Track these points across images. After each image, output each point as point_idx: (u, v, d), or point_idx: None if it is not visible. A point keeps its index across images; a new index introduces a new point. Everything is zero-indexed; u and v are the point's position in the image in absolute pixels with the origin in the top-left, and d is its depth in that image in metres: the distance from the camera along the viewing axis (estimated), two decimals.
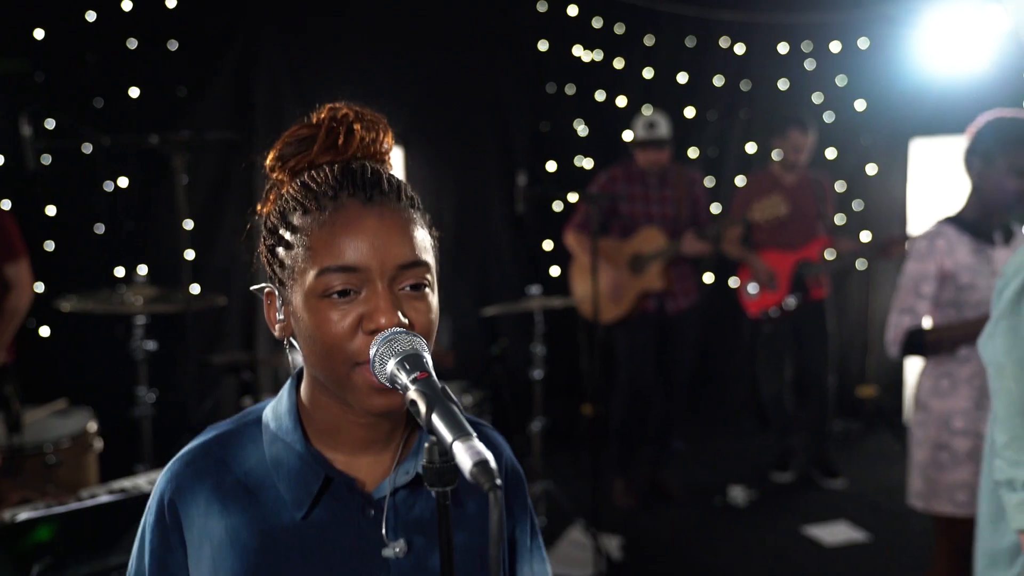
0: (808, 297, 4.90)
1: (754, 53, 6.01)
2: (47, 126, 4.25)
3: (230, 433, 1.12)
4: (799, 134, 4.88)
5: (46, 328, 4.48)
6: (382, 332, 0.97)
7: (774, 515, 4.63)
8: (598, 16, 5.71)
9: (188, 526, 1.06)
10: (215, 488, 1.07)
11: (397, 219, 1.02)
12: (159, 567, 1.07)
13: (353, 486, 1.08)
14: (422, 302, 1.02)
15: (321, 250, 1.00)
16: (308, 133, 1.08)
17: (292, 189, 1.05)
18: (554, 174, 5.68)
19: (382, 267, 0.99)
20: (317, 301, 1.00)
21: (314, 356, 1.03)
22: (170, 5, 4.68)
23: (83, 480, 3.34)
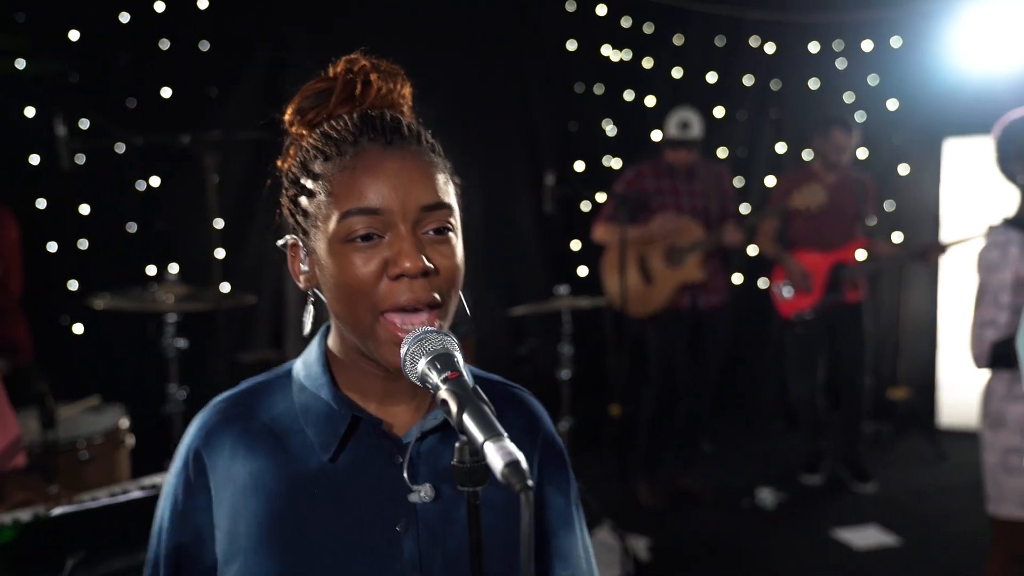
0: (844, 299, 4.83)
1: (784, 52, 5.96)
2: (81, 126, 4.31)
3: (261, 383, 1.13)
4: (842, 134, 4.79)
5: (79, 325, 4.55)
6: (413, 331, 0.97)
7: (803, 518, 4.59)
8: (627, 16, 5.69)
9: (213, 470, 1.06)
10: (242, 433, 1.07)
11: (418, 162, 1.03)
12: (179, 512, 1.07)
13: (380, 428, 1.08)
14: (446, 245, 1.02)
15: (343, 194, 0.99)
16: (325, 86, 1.09)
17: (312, 139, 1.06)
18: (582, 174, 5.67)
19: (404, 209, 0.99)
20: (340, 246, 1.00)
21: (339, 304, 1.02)
22: (202, 6, 4.72)
23: (115, 476, 3.37)
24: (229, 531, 1.04)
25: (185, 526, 1.07)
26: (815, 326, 4.89)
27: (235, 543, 1.04)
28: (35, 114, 4.49)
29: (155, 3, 4.63)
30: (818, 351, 4.98)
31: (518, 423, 1.18)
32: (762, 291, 6.16)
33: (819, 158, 4.91)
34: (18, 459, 2.64)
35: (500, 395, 1.19)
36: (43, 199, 4.50)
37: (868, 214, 4.90)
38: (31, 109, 4.50)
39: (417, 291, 0.99)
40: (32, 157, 4.53)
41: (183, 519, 1.07)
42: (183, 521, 1.07)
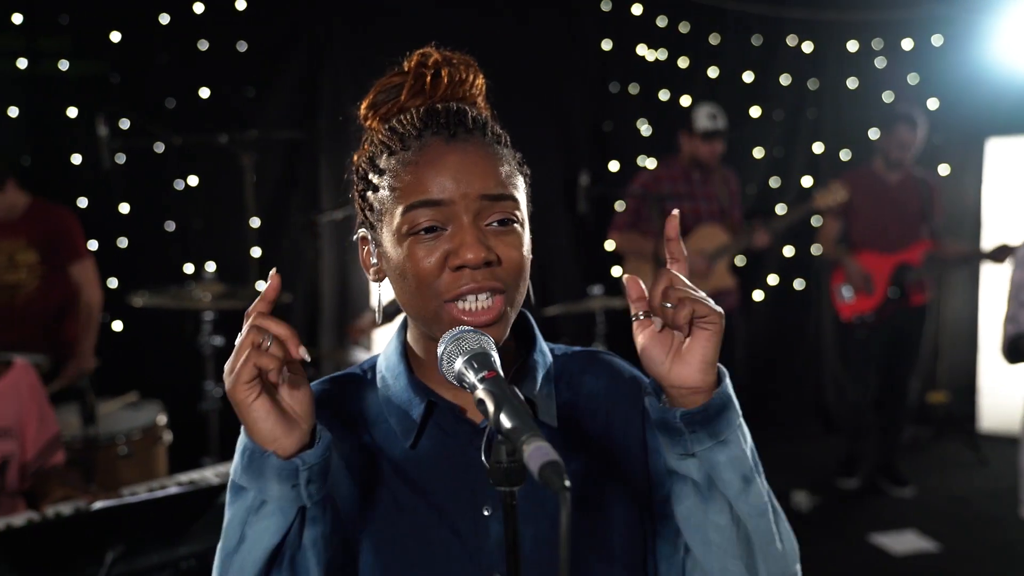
0: (907, 303, 4.74)
1: (822, 51, 5.90)
2: (121, 126, 4.37)
3: (352, 375, 1.17)
4: (907, 130, 4.68)
5: (118, 323, 4.61)
6: (450, 330, 0.97)
7: (839, 522, 4.53)
8: (663, 15, 5.65)
9: None
10: (333, 416, 1.10)
11: (481, 153, 1.03)
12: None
13: (459, 414, 1.09)
14: (511, 236, 1.02)
15: (406, 188, 1.01)
16: (399, 80, 1.10)
17: (380, 134, 1.07)
18: (617, 174, 5.64)
19: (465, 200, 1.00)
20: (404, 239, 1.01)
21: (405, 295, 1.04)
22: (239, 7, 4.77)
23: (152, 472, 3.42)
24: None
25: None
26: (876, 330, 4.79)
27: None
28: (77, 114, 4.57)
29: (194, 4, 4.69)
30: (877, 355, 4.86)
31: (598, 385, 1.17)
32: (798, 292, 6.10)
33: (881, 156, 4.80)
34: (57, 456, 2.68)
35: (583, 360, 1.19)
36: (84, 198, 4.57)
37: (932, 215, 4.79)
38: (73, 109, 4.57)
39: (479, 280, 1.00)
40: (74, 157, 4.60)
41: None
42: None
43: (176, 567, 2.09)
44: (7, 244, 3.84)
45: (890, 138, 4.71)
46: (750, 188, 5.90)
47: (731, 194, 4.69)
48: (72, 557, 1.88)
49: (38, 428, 2.64)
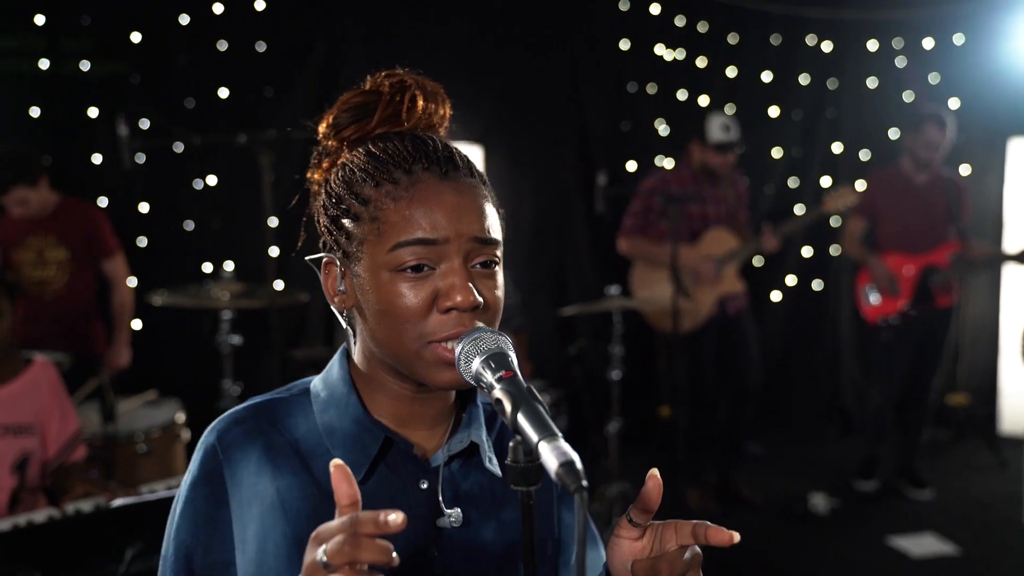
0: (934, 305, 4.70)
1: (842, 51, 5.86)
2: (142, 126, 4.40)
3: (278, 400, 1.08)
4: (936, 130, 4.60)
5: (138, 321, 4.64)
6: (464, 331, 0.97)
7: (857, 524, 4.51)
8: (681, 14, 5.63)
9: (235, 484, 1.01)
10: (266, 449, 1.02)
11: (472, 194, 1.01)
12: (207, 523, 1.01)
13: (410, 452, 1.06)
14: (492, 280, 1.01)
15: (396, 224, 0.98)
16: (365, 100, 1.07)
17: (357, 159, 1.03)
18: (634, 174, 5.63)
19: (459, 241, 0.98)
20: (389, 275, 0.98)
21: (382, 330, 1.00)
22: (259, 8, 4.79)
23: (171, 469, 3.45)
24: (258, 551, 1.00)
25: (212, 541, 1.01)
26: (902, 332, 4.73)
27: (264, 563, 1.00)
28: (98, 115, 4.60)
29: (213, 5, 4.71)
30: (903, 358, 4.80)
31: None
32: (816, 293, 6.07)
33: (909, 156, 4.73)
34: (78, 452, 2.71)
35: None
36: (105, 197, 4.61)
37: (960, 216, 4.73)
38: (94, 110, 4.61)
39: (467, 324, 0.98)
40: (95, 156, 4.64)
41: (210, 534, 1.01)
42: (210, 535, 1.01)
43: None
44: (37, 241, 3.90)
45: (918, 138, 4.64)
46: (768, 188, 5.87)
47: (738, 196, 4.66)
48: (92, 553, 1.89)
49: (59, 425, 2.67)
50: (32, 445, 2.59)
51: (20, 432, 2.56)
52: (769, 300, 5.92)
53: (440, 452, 1.07)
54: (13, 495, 2.53)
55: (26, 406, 2.60)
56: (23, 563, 1.76)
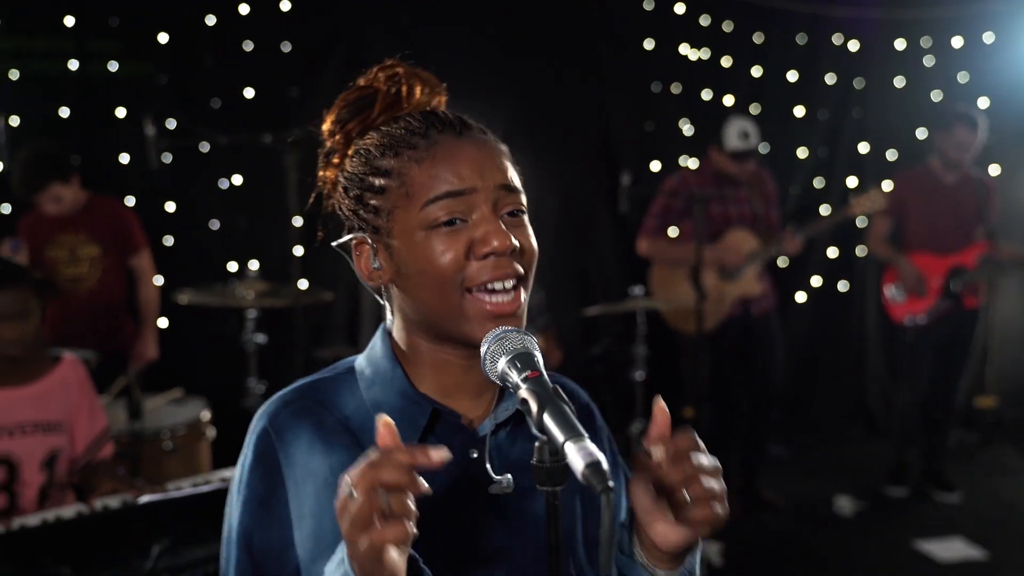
0: (961, 306, 4.65)
1: (869, 50, 5.81)
2: (168, 126, 4.44)
3: (324, 380, 1.11)
4: (966, 131, 4.55)
5: (164, 320, 4.68)
6: (493, 330, 0.96)
7: (883, 527, 4.46)
8: (706, 14, 5.60)
9: (289, 464, 1.03)
10: (316, 427, 1.04)
11: (491, 147, 1.04)
12: (263, 505, 1.03)
13: (458, 423, 1.07)
14: (522, 228, 1.04)
15: (423, 184, 1.00)
16: (362, 95, 1.10)
17: (370, 140, 1.06)
18: (659, 174, 5.60)
19: (486, 189, 1.00)
20: (424, 233, 1.00)
21: (424, 291, 1.02)
22: (284, 8, 4.82)
23: (196, 467, 3.47)
24: (315, 527, 1.01)
25: (270, 521, 1.03)
26: (928, 332, 4.69)
27: (322, 540, 1.00)
28: (125, 115, 4.65)
29: (239, 6, 4.75)
30: (928, 359, 4.75)
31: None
32: (842, 294, 6.02)
33: (938, 156, 4.69)
34: (106, 450, 2.73)
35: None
36: (132, 197, 4.65)
37: (988, 218, 4.67)
38: (122, 110, 4.65)
39: (504, 267, 1.00)
40: (122, 156, 4.69)
41: (266, 515, 1.03)
42: (266, 517, 1.03)
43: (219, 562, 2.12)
44: (69, 239, 3.95)
45: (948, 138, 4.59)
46: (793, 188, 5.83)
47: (766, 196, 4.60)
48: (119, 549, 1.91)
49: (87, 422, 2.69)
50: (61, 442, 2.61)
51: (50, 429, 2.59)
52: (794, 301, 5.87)
53: (487, 421, 1.08)
54: (42, 491, 2.57)
55: (55, 404, 2.63)
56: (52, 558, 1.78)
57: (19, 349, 2.53)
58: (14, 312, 2.49)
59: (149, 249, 4.17)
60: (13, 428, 2.53)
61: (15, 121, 4.39)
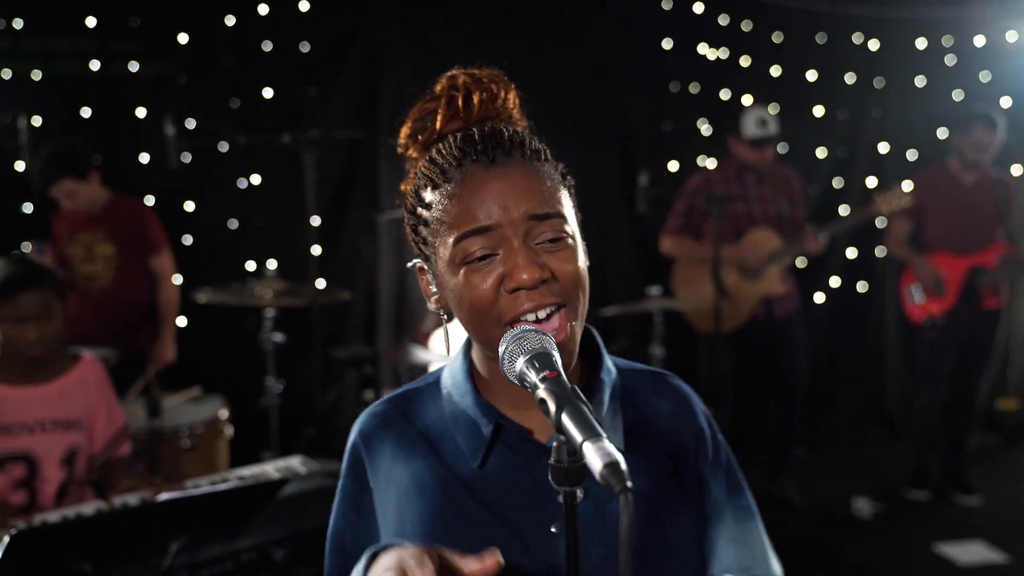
0: (980, 307, 4.61)
1: (889, 49, 5.77)
2: (188, 126, 4.46)
3: (415, 391, 1.18)
4: (984, 131, 4.52)
5: (183, 318, 4.71)
6: (512, 329, 0.97)
7: (903, 530, 4.43)
8: (724, 13, 5.58)
9: (374, 470, 1.12)
10: (400, 437, 1.13)
11: (522, 174, 1.03)
12: (353, 507, 1.14)
13: (524, 434, 1.09)
14: (564, 251, 1.03)
15: (453, 220, 1.02)
16: (432, 106, 1.11)
17: (423, 167, 1.08)
18: (676, 174, 5.59)
19: (512, 223, 1.00)
20: (459, 268, 1.02)
21: (466, 322, 1.06)
22: (303, 8, 4.84)
23: (214, 465, 3.49)
24: (397, 532, 1.09)
25: (360, 523, 1.14)
26: (947, 333, 4.65)
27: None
28: (146, 114, 4.68)
29: (258, 6, 4.77)
30: (948, 360, 4.72)
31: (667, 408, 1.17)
32: (861, 295, 5.98)
33: (956, 156, 4.66)
34: (123, 447, 2.75)
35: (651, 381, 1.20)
36: (152, 196, 4.68)
37: (1009, 218, 4.63)
38: (142, 110, 4.68)
39: (536, 299, 1.00)
40: (143, 155, 4.72)
41: (356, 516, 1.14)
42: (357, 518, 1.14)
43: (237, 559, 2.13)
44: (87, 236, 3.99)
45: (966, 138, 4.57)
46: (812, 189, 5.79)
47: (792, 195, 4.58)
48: (138, 546, 1.92)
49: (106, 420, 2.71)
50: (80, 440, 2.63)
51: (69, 427, 2.61)
52: (812, 302, 5.84)
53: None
54: (61, 488, 2.59)
55: (75, 402, 2.65)
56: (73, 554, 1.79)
57: (41, 349, 2.55)
58: (37, 313, 2.51)
59: (170, 250, 4.19)
60: (33, 425, 2.55)
61: (37, 121, 4.42)
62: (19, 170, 4.45)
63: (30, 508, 2.51)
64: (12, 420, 2.53)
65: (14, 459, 2.53)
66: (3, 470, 2.51)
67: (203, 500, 1.91)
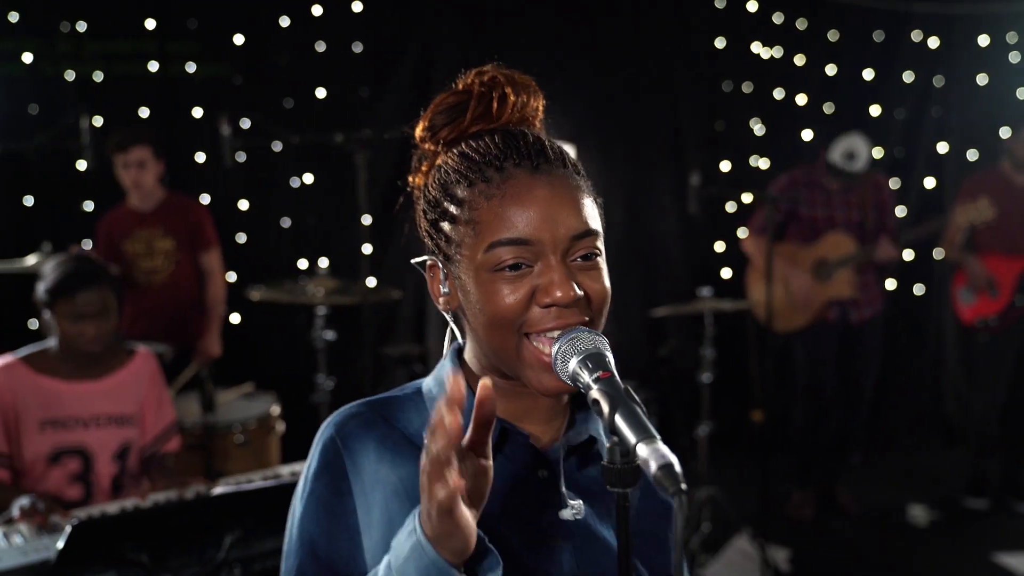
0: None
1: (950, 47, 5.64)
2: (242, 126, 4.53)
3: (391, 399, 1.10)
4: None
5: (236, 315, 4.78)
6: (565, 331, 0.96)
7: (960, 539, 4.33)
8: (779, 11, 5.51)
9: (356, 472, 1.03)
10: (383, 439, 1.04)
11: (566, 187, 1.00)
12: (328, 515, 1.03)
13: (528, 443, 1.06)
14: (595, 271, 1.00)
15: (490, 223, 0.97)
16: (457, 100, 1.06)
17: (452, 160, 1.03)
18: (728, 174, 5.53)
19: (555, 239, 0.97)
20: (488, 275, 0.98)
21: (483, 329, 1.01)
22: (356, 9, 4.88)
23: (266, 461, 3.53)
24: (384, 534, 1.00)
25: (336, 528, 1.03)
26: (1001, 335, 4.57)
27: None
28: (202, 115, 4.76)
29: (312, 7, 4.82)
30: (1003, 362, 4.63)
31: None
32: (918, 298, 5.86)
33: (1008, 157, 4.57)
34: (172, 443, 2.80)
35: None
36: (207, 194, 4.76)
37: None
38: (198, 110, 4.77)
39: (567, 317, 0.97)
40: (198, 155, 4.80)
41: (333, 522, 1.03)
42: (334, 523, 1.03)
43: None
44: (145, 232, 4.08)
45: (1017, 139, 4.49)
46: None
47: (881, 203, 4.51)
48: (193, 539, 1.95)
49: (155, 415, 2.76)
50: (133, 435, 2.69)
51: (123, 422, 2.66)
52: None
53: (558, 444, 1.07)
54: (114, 481, 2.64)
55: (129, 397, 2.70)
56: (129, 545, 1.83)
57: (99, 346, 2.60)
58: (96, 311, 2.56)
59: (220, 248, 4.26)
60: (88, 420, 2.61)
61: (98, 121, 4.53)
62: (81, 169, 4.56)
63: (85, 501, 2.57)
64: (68, 415, 2.59)
65: (70, 453, 2.58)
66: (59, 464, 2.57)
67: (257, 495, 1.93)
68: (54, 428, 2.57)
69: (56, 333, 2.59)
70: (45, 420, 2.56)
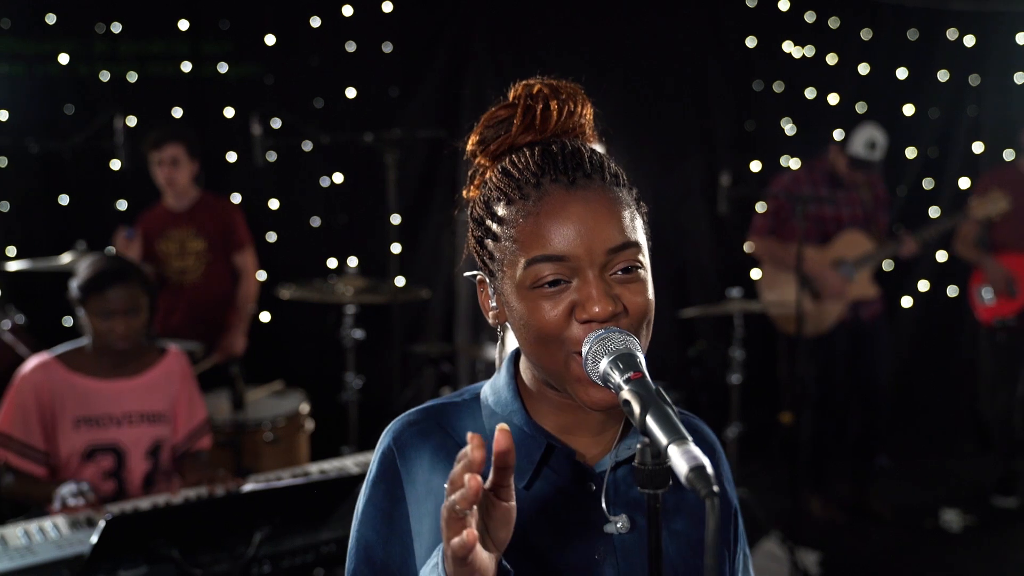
0: None
1: (986, 45, 5.56)
2: (273, 125, 4.57)
3: (449, 405, 1.12)
4: None
5: (266, 314, 4.82)
6: (595, 331, 0.95)
7: (994, 544, 4.26)
8: (811, 10, 5.46)
9: (410, 481, 1.05)
10: (438, 448, 1.06)
11: (602, 201, 0.99)
12: (385, 520, 1.06)
13: (574, 458, 1.06)
14: (636, 284, 0.99)
15: (528, 241, 0.98)
16: (507, 114, 1.07)
17: (495, 177, 1.04)
18: (759, 174, 5.49)
19: (591, 254, 0.97)
20: (528, 291, 0.98)
21: (529, 345, 1.02)
22: (386, 9, 4.90)
23: (295, 458, 3.56)
24: (433, 543, 1.02)
25: (391, 536, 1.06)
26: (1019, 334, 4.52)
27: None
28: (233, 114, 4.80)
29: (343, 7, 4.85)
30: (1021, 361, 4.59)
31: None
32: (951, 299, 5.78)
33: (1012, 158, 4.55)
34: (203, 441, 2.83)
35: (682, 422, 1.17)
36: (238, 194, 4.80)
37: None
38: (230, 110, 4.81)
39: None
40: (230, 154, 4.85)
41: (388, 529, 1.06)
42: (388, 531, 1.06)
43: (317, 551, 2.16)
44: (178, 232, 4.12)
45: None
46: (900, 190, 5.63)
47: (876, 198, 4.48)
48: (224, 535, 1.97)
49: (187, 413, 2.79)
50: (165, 432, 2.71)
51: (155, 420, 2.69)
52: (900, 306, 5.67)
53: (607, 458, 1.07)
54: (147, 478, 2.67)
55: (160, 395, 2.73)
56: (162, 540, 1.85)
57: (128, 343, 2.63)
58: (125, 308, 2.60)
59: (253, 248, 4.29)
60: (121, 418, 2.64)
61: (132, 121, 4.58)
62: (115, 168, 4.61)
63: (118, 498, 2.60)
64: (101, 412, 2.62)
65: (103, 450, 2.62)
66: (93, 461, 2.61)
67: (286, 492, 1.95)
68: (88, 425, 2.60)
69: (89, 330, 2.63)
70: (79, 417, 2.60)
